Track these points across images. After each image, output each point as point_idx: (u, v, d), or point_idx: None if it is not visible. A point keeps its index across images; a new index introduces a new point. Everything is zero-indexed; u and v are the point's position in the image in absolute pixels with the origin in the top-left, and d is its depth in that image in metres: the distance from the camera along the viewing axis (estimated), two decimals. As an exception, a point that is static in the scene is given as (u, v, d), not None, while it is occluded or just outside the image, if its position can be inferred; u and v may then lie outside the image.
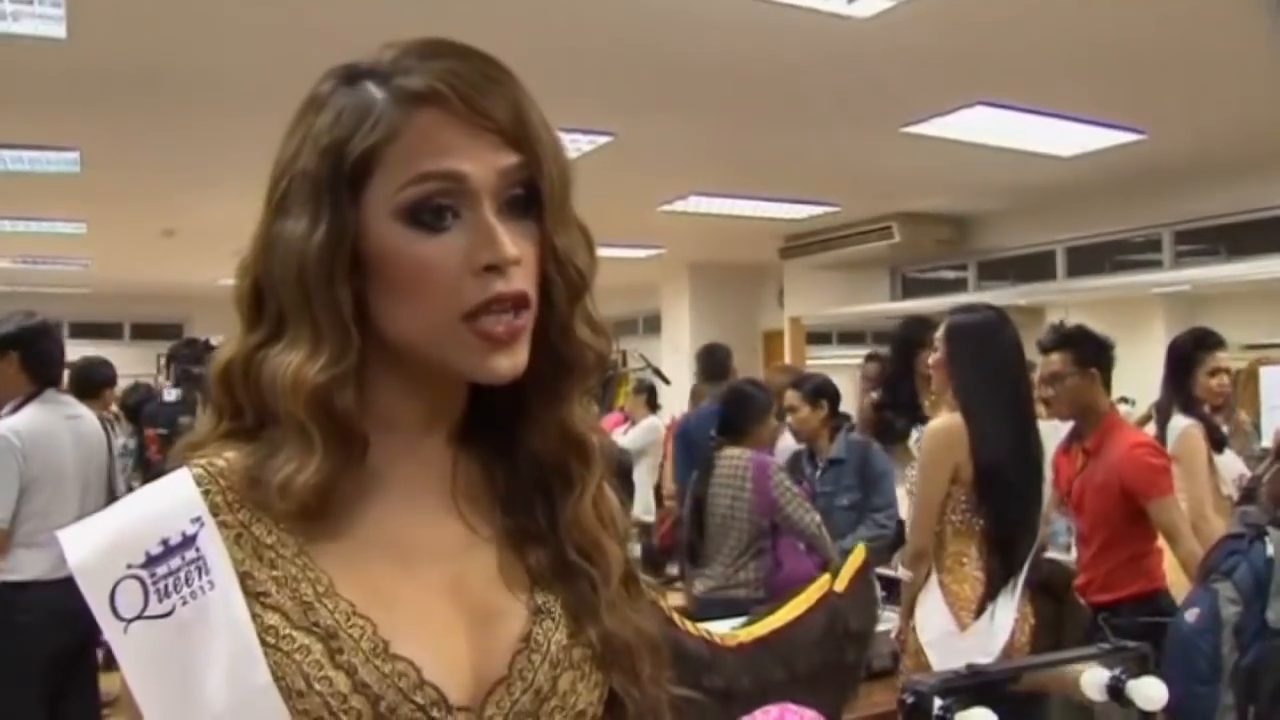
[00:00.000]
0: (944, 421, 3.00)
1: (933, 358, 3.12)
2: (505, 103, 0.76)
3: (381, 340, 0.77)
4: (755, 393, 4.28)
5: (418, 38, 0.79)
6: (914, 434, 3.91)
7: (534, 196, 0.78)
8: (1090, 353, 3.48)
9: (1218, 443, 3.75)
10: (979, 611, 2.83)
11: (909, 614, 3.00)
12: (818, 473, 4.44)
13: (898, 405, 4.19)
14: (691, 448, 5.26)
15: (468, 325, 0.75)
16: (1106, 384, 3.53)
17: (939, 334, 3.09)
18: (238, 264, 0.80)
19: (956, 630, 2.83)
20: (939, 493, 2.91)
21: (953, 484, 2.90)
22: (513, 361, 0.77)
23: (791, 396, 4.50)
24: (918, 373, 3.95)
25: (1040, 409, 3.81)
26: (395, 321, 0.76)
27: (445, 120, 0.75)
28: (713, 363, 5.77)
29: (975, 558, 2.88)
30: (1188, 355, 3.88)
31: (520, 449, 0.84)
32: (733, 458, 4.00)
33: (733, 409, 4.17)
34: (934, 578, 2.93)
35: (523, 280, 0.76)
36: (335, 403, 0.74)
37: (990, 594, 2.83)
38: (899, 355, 4.28)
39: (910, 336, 4.22)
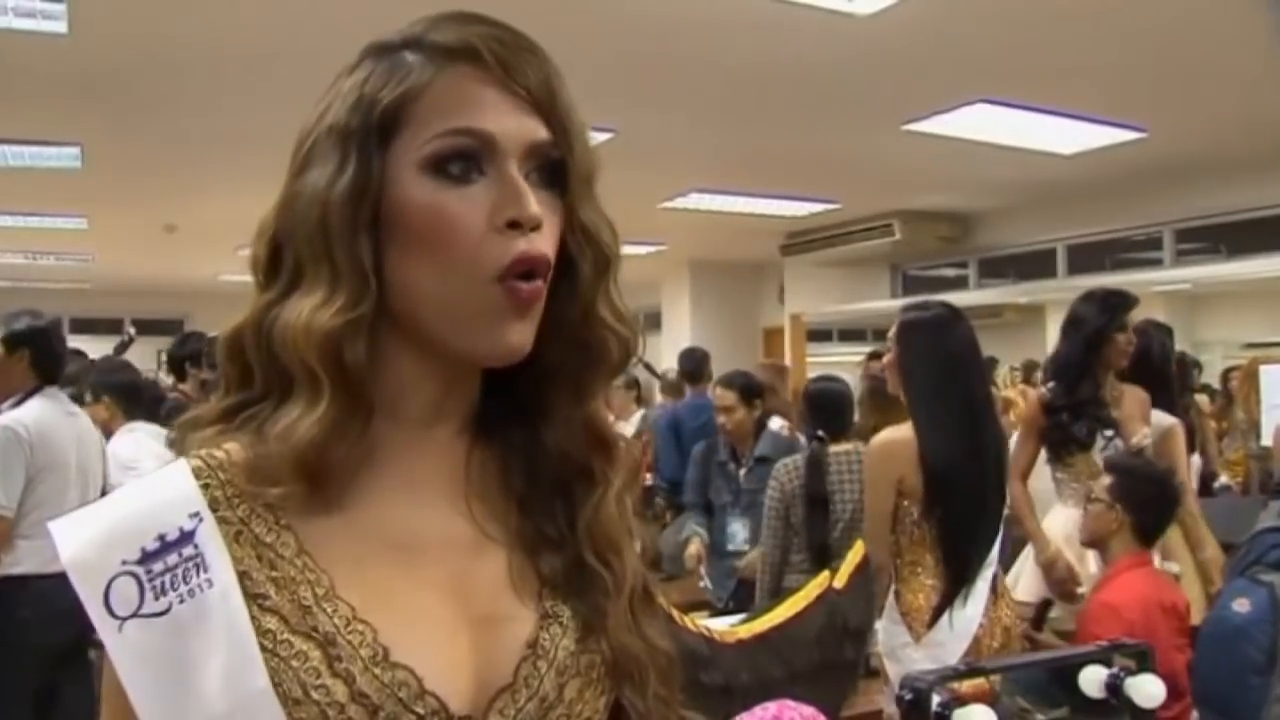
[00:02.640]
0: (886, 435, 2.96)
1: (885, 358, 3.04)
2: (538, 73, 0.75)
3: (396, 317, 0.74)
4: (846, 389, 4.25)
5: (452, 11, 0.77)
6: (1100, 442, 3.36)
7: (559, 171, 0.76)
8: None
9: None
10: (932, 621, 2.76)
11: None
12: (742, 470, 4.41)
13: (1076, 406, 3.41)
14: (682, 439, 5.64)
15: (497, 286, 0.72)
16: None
17: (890, 333, 2.96)
18: (257, 226, 0.77)
19: (910, 641, 2.78)
20: (885, 508, 2.85)
21: (900, 497, 2.82)
22: (525, 333, 0.74)
23: (726, 396, 4.36)
24: (1103, 363, 3.43)
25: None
26: (415, 282, 0.73)
27: (478, 78, 0.73)
28: (694, 364, 6.24)
29: (931, 566, 2.81)
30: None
31: (541, 447, 0.81)
32: (849, 453, 3.93)
33: (834, 408, 4.09)
34: (893, 587, 2.90)
35: (545, 245, 0.73)
36: (345, 353, 0.71)
37: (945, 603, 2.75)
38: (1079, 341, 3.47)
39: (1092, 317, 3.46)
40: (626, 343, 0.80)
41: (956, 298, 5.92)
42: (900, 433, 2.86)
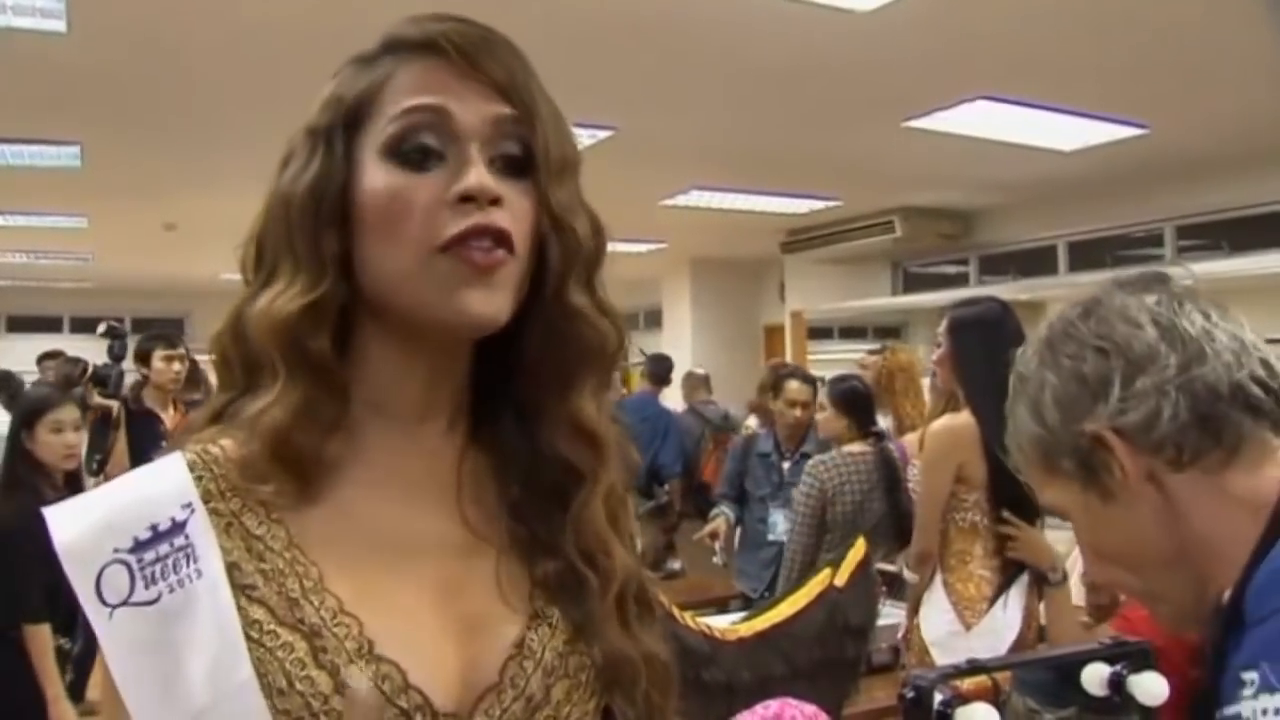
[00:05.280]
0: (947, 422, 2.99)
1: (936, 354, 3.08)
2: (501, 64, 0.76)
3: (371, 305, 0.76)
4: (869, 388, 4.27)
5: (434, 12, 0.79)
6: None
7: (530, 158, 0.76)
8: None
9: None
10: (987, 610, 2.83)
11: (914, 613, 3.01)
12: (786, 464, 4.43)
13: None
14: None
15: (442, 255, 0.72)
16: None
17: (941, 329, 3.05)
18: (247, 231, 0.79)
19: (961, 629, 2.83)
20: (942, 494, 2.90)
21: (957, 483, 2.88)
22: (490, 300, 0.73)
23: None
24: None
25: None
26: (377, 263, 0.74)
27: (437, 67, 0.75)
28: (664, 369, 7.04)
29: (979, 556, 2.87)
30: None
31: (536, 449, 0.81)
32: (861, 455, 3.96)
33: (864, 405, 4.13)
34: (938, 577, 2.93)
35: (506, 221, 0.73)
36: (306, 338, 0.73)
37: (1000, 591, 2.82)
38: None
39: None
40: (603, 334, 0.80)
41: (957, 295, 5.93)
42: (961, 419, 2.90)
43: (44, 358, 7.19)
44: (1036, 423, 1.01)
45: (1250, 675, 0.78)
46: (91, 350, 7.56)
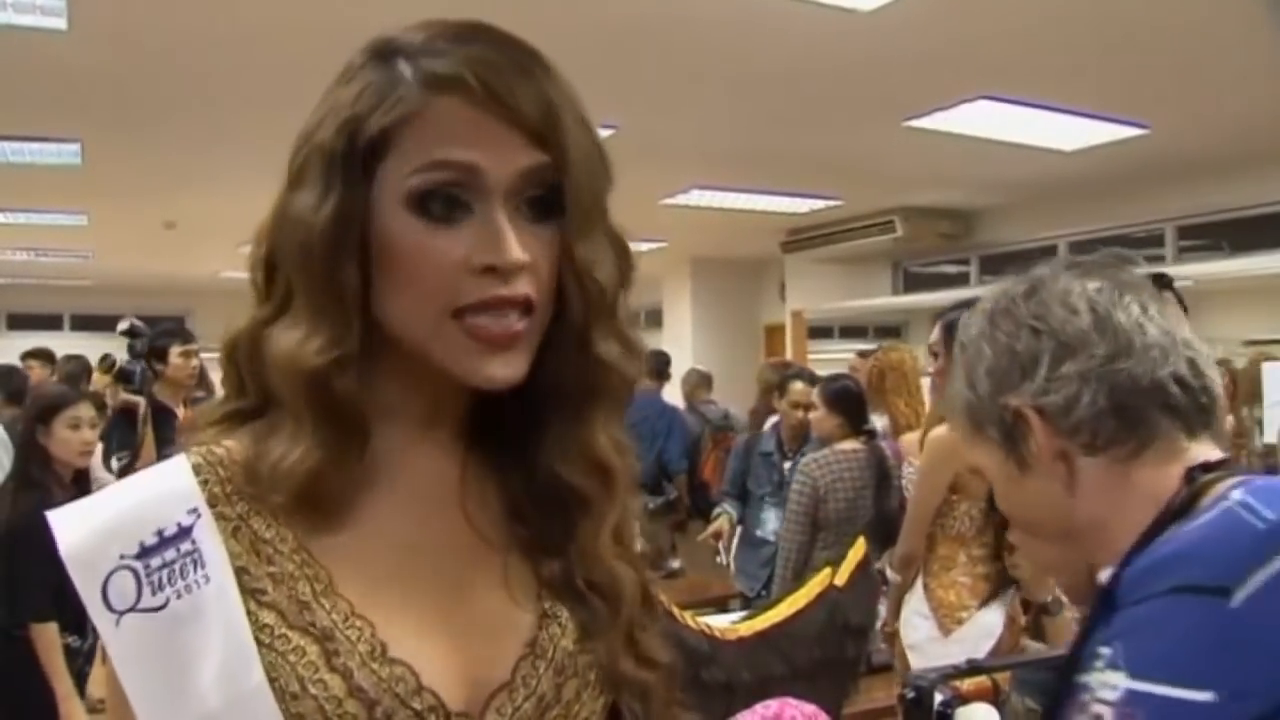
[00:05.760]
0: (949, 429, 2.98)
1: (935, 366, 3.05)
2: (535, 97, 0.72)
3: (384, 336, 0.74)
4: (860, 387, 4.31)
5: (457, 19, 0.75)
6: None
7: (557, 198, 0.73)
8: None
9: None
10: (964, 617, 2.81)
11: (895, 615, 3.01)
12: (787, 464, 4.45)
13: None
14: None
15: (458, 322, 0.71)
16: None
17: (934, 338, 3.00)
18: (256, 231, 0.77)
19: (939, 636, 2.82)
20: (936, 500, 2.89)
21: (951, 492, 2.86)
22: (509, 369, 0.73)
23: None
24: None
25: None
26: (393, 312, 0.73)
27: (467, 108, 0.71)
28: (662, 365, 7.15)
29: (962, 564, 2.86)
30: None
31: (535, 462, 0.79)
32: (852, 451, 3.97)
33: (857, 404, 4.15)
34: (919, 581, 2.92)
35: (529, 285, 0.72)
36: (334, 387, 0.71)
37: (986, 600, 2.81)
38: None
39: None
40: (625, 376, 0.79)
41: (958, 295, 5.93)
42: None
43: (27, 356, 7.16)
44: (969, 389, 1.05)
45: (1105, 650, 0.84)
46: (91, 348, 7.58)
